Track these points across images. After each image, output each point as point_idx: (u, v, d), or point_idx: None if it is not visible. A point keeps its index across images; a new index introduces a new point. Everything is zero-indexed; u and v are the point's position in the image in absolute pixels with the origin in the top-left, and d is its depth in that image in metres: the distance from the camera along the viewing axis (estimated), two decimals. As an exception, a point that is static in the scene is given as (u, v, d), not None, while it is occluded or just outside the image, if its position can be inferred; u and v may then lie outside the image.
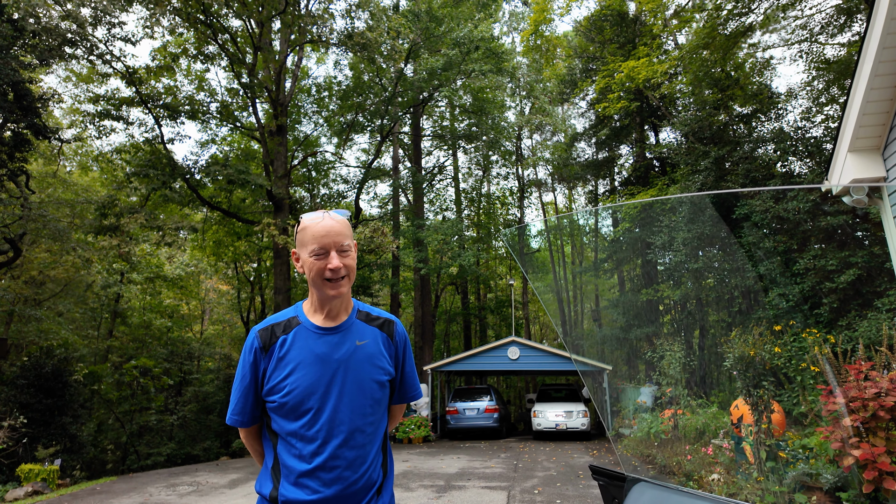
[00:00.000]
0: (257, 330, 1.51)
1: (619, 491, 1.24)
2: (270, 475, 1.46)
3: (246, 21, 15.48)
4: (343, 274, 1.46)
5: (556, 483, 7.70)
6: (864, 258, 8.83)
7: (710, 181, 12.34)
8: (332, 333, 1.50)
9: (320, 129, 22.48)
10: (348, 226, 1.52)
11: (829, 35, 14.17)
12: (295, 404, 1.42)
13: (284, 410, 1.43)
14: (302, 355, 1.45)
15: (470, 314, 29.15)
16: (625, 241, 17.25)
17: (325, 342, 1.48)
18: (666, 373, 10.36)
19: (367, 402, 1.48)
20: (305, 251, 1.47)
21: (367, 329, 1.57)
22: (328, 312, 1.52)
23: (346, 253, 1.47)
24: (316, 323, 1.51)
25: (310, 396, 1.42)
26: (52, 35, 12.33)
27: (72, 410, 13.59)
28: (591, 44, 18.89)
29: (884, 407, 4.28)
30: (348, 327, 1.53)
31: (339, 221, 1.48)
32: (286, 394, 1.42)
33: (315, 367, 1.45)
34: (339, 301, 1.52)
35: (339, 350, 1.48)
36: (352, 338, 1.52)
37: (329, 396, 1.43)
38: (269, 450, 1.50)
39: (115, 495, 7.79)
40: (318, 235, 1.45)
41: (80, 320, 20.62)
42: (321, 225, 1.46)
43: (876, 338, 7.14)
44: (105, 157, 18.74)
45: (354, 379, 1.47)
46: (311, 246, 1.45)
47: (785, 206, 10.06)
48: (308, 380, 1.43)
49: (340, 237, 1.46)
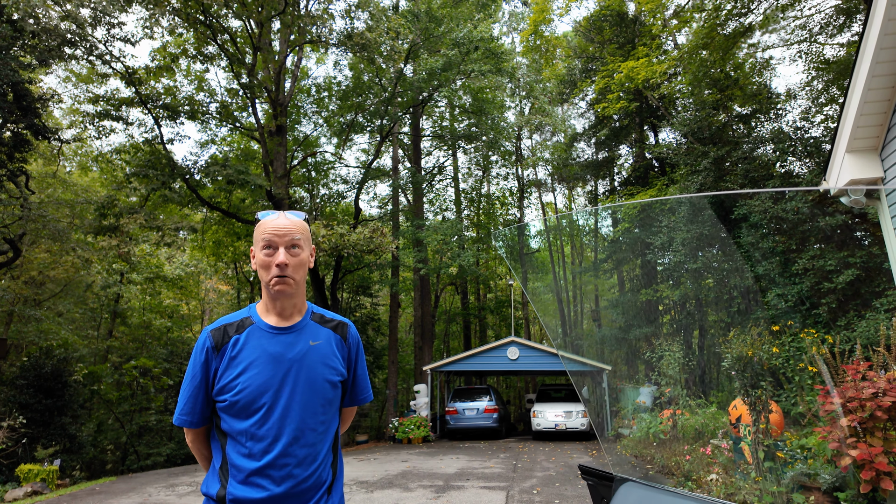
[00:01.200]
0: (209, 329, 1.51)
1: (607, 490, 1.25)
2: (218, 475, 1.46)
3: (245, 21, 15.49)
4: (289, 272, 1.47)
5: (554, 483, 7.70)
6: (863, 258, 8.84)
7: (710, 181, 12.34)
8: (286, 333, 1.51)
9: (320, 129, 22.49)
10: (303, 226, 1.53)
11: (828, 35, 14.17)
12: (246, 403, 1.42)
13: (235, 409, 1.42)
14: (255, 354, 1.46)
15: (469, 314, 29.15)
16: (624, 242, 17.26)
17: (279, 342, 1.49)
18: (665, 373, 10.37)
19: (318, 402, 1.49)
20: (257, 247, 1.50)
21: (320, 330, 1.58)
22: (281, 312, 1.53)
23: (295, 250, 1.49)
24: (269, 323, 1.52)
25: (262, 395, 1.42)
26: (51, 35, 12.34)
27: (71, 411, 13.60)
28: (591, 44, 18.90)
29: (881, 407, 4.28)
30: (302, 328, 1.54)
31: (292, 221, 1.50)
32: (237, 392, 1.42)
33: (268, 365, 1.45)
34: (291, 301, 1.53)
35: (293, 349, 1.49)
36: (305, 338, 1.53)
37: (281, 395, 1.44)
38: (217, 451, 1.49)
39: (114, 495, 7.80)
40: (268, 231, 1.47)
41: (80, 320, 20.64)
42: (274, 222, 1.49)
43: (874, 338, 7.14)
44: (105, 157, 18.76)
45: (307, 378, 1.48)
46: (261, 241, 1.48)
47: (784, 207, 10.07)
48: (260, 378, 1.43)
49: (290, 234, 1.48)
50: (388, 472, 8.96)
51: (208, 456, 1.56)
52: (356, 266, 21.65)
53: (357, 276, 24.28)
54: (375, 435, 21.17)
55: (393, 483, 7.89)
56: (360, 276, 24.39)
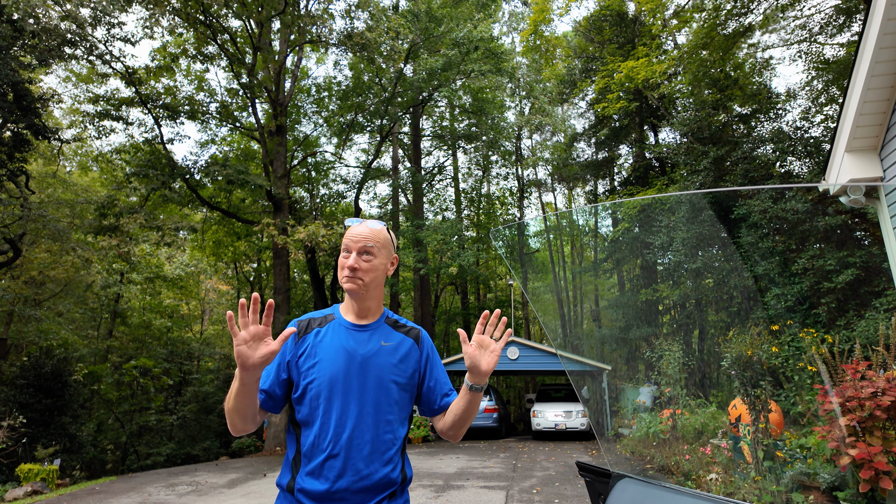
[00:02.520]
0: (296, 320, 1.62)
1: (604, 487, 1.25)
2: (291, 466, 1.51)
3: (245, 21, 15.49)
4: (359, 274, 1.56)
5: (554, 483, 7.71)
6: (862, 258, 8.84)
7: (710, 181, 12.35)
8: (361, 331, 1.59)
9: (320, 129, 22.49)
10: (380, 234, 1.62)
11: (828, 35, 14.18)
12: (316, 393, 1.48)
13: (306, 399, 1.49)
14: (330, 347, 1.54)
15: (470, 314, 29.16)
16: (624, 241, 17.26)
17: (353, 337, 1.57)
18: (665, 373, 10.36)
19: (383, 400, 1.53)
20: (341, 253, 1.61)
21: (394, 333, 1.65)
22: (358, 312, 1.62)
23: (368, 256, 1.57)
24: (348, 320, 1.61)
25: (331, 385, 1.49)
26: (51, 35, 12.35)
27: (71, 410, 13.61)
28: (591, 44, 18.90)
29: (880, 406, 4.28)
30: (377, 327, 1.63)
31: (370, 228, 1.61)
32: (310, 381, 1.50)
33: (340, 358, 1.52)
34: (365, 303, 1.61)
35: (365, 346, 1.56)
36: (378, 337, 1.60)
37: (349, 388, 1.49)
38: (291, 442, 1.55)
39: (114, 495, 7.80)
40: (348, 238, 1.58)
41: (80, 320, 20.64)
42: (353, 229, 1.60)
43: (874, 338, 7.14)
44: (105, 157, 18.77)
45: (375, 376, 1.53)
46: (343, 246, 1.60)
47: (783, 206, 10.07)
48: (332, 369, 1.50)
49: (365, 241, 1.57)
50: (388, 472, 8.95)
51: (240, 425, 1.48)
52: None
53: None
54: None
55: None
56: (360, 276, 24.35)
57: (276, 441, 14.60)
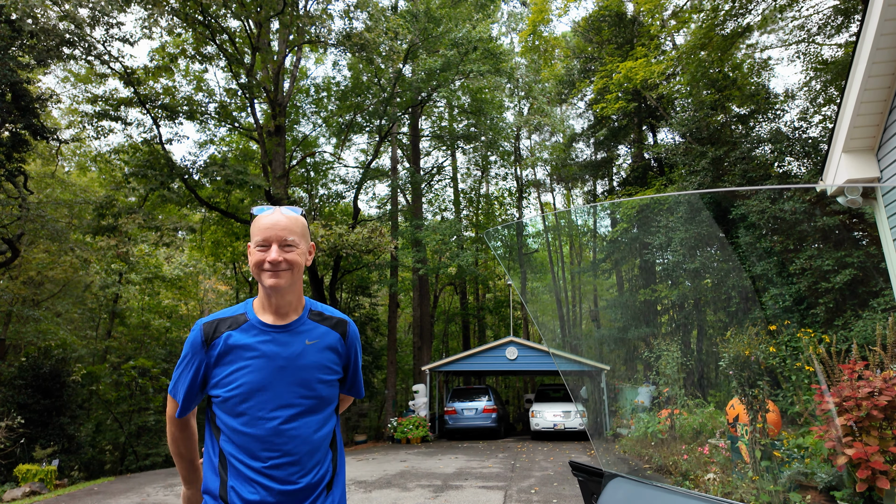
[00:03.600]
0: (202, 323, 1.47)
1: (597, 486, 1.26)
2: (217, 470, 1.43)
3: (244, 21, 15.49)
4: (283, 268, 1.43)
5: (553, 483, 7.71)
6: (860, 258, 8.86)
7: (708, 181, 12.36)
8: (281, 332, 1.47)
9: (319, 129, 22.49)
10: (299, 223, 1.50)
11: (826, 36, 14.20)
12: (239, 401, 1.39)
13: (228, 406, 1.40)
14: (248, 352, 1.43)
15: (468, 314, 29.16)
16: (623, 242, 17.28)
17: (274, 340, 1.45)
18: (663, 373, 10.37)
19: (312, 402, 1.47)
20: (252, 243, 1.47)
21: (318, 328, 1.54)
22: (277, 310, 1.49)
23: (289, 248, 1.45)
24: (265, 321, 1.48)
25: (254, 394, 1.40)
26: (49, 35, 12.34)
27: (70, 411, 13.60)
28: (590, 44, 18.92)
29: (877, 406, 4.29)
30: (298, 326, 1.51)
31: (288, 217, 1.48)
32: (231, 389, 1.40)
33: (262, 364, 1.42)
34: (286, 298, 1.49)
35: (288, 349, 1.46)
36: (301, 337, 1.49)
37: (274, 395, 1.41)
38: (212, 444, 1.46)
39: (112, 495, 7.80)
40: (263, 228, 1.44)
41: (79, 321, 20.63)
42: (268, 218, 1.46)
43: (871, 337, 7.16)
44: (103, 157, 18.75)
45: (301, 379, 1.45)
46: (256, 237, 1.45)
47: (781, 207, 10.09)
48: (254, 377, 1.41)
49: (285, 232, 1.45)
50: (387, 472, 8.97)
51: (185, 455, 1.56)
52: (355, 266, 21.66)
53: (356, 277, 24.28)
54: (374, 435, 21.18)
55: (391, 483, 7.89)
56: (358, 277, 24.40)
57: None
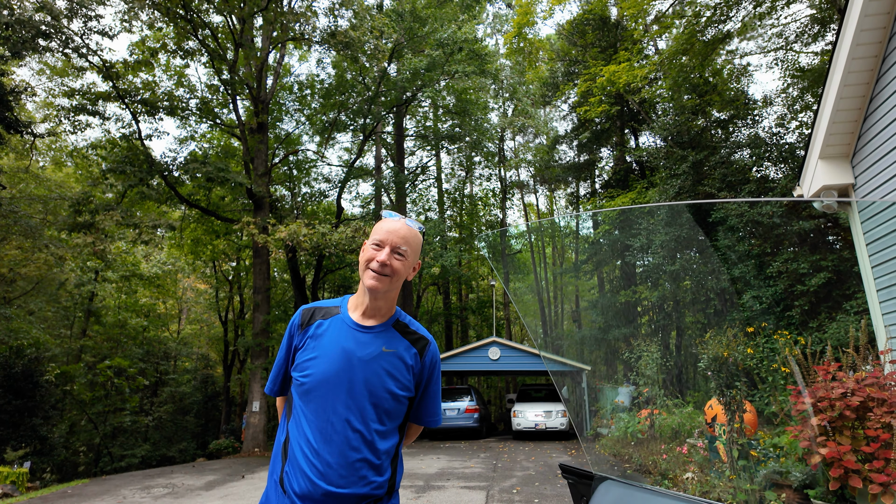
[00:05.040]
0: (303, 308, 1.58)
1: (586, 489, 1.27)
2: (281, 453, 1.48)
3: (227, 17, 15.29)
4: (387, 272, 1.48)
5: (534, 482, 7.76)
6: (834, 262, 9.09)
7: (688, 185, 12.57)
8: (364, 332, 1.51)
9: (302, 127, 22.30)
10: (417, 237, 1.56)
11: (803, 44, 14.54)
12: (310, 388, 1.44)
13: (301, 390, 1.46)
14: (329, 344, 1.48)
15: (451, 314, 29.19)
16: (604, 244, 17.47)
17: (354, 338, 1.49)
18: (643, 373, 10.51)
19: (374, 410, 1.45)
20: (370, 241, 1.53)
21: (399, 339, 1.55)
22: (366, 310, 1.53)
23: (400, 256, 1.50)
24: (353, 318, 1.53)
25: (322, 385, 1.44)
26: (25, 27, 12.03)
27: (42, 411, 13.28)
28: (574, 47, 19.09)
29: (850, 407, 4.41)
30: (381, 331, 1.53)
31: (409, 228, 1.54)
32: (306, 375, 1.46)
33: (336, 358, 1.46)
34: (379, 302, 1.53)
35: (364, 350, 1.48)
36: (380, 342, 1.51)
37: (339, 391, 1.43)
38: (283, 425, 1.51)
39: (87, 498, 7.63)
40: (384, 230, 1.51)
41: (52, 319, 20.15)
42: (392, 223, 1.53)
43: (844, 339, 7.34)
44: (80, 152, 18.33)
45: (369, 382, 1.45)
46: (375, 237, 1.51)
47: (759, 211, 10.30)
48: (326, 368, 1.45)
49: (402, 240, 1.50)
50: (369, 473, 8.92)
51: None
52: (338, 265, 21.51)
53: (338, 276, 24.12)
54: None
55: (373, 483, 7.85)
56: (341, 276, 24.24)
57: (254, 442, 14.43)
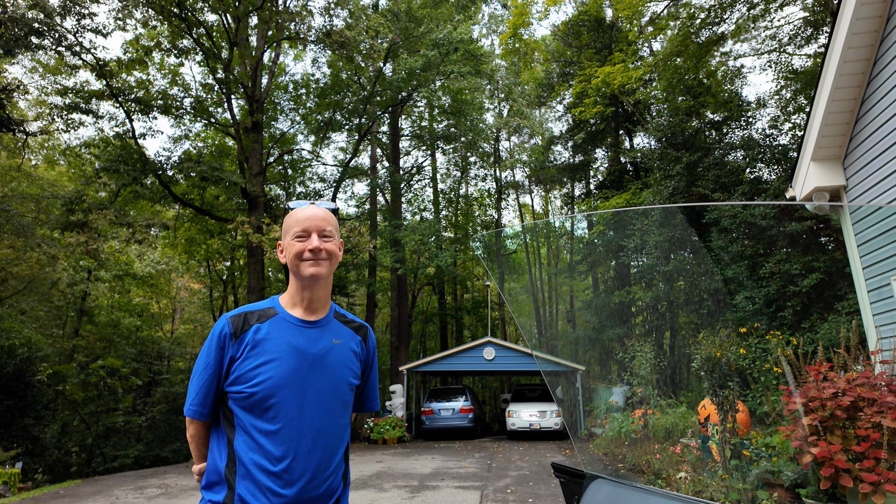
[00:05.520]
0: (229, 316, 1.43)
1: (578, 487, 1.28)
2: (224, 475, 1.36)
3: (222, 16, 15.23)
4: (324, 256, 1.44)
5: (528, 482, 7.78)
6: (826, 263, 9.16)
7: (682, 186, 12.63)
8: (311, 327, 1.45)
9: (297, 126, 22.25)
10: (333, 217, 1.51)
11: (796, 46, 14.64)
12: (264, 396, 1.34)
13: (250, 402, 1.35)
14: (277, 346, 1.39)
15: (446, 315, 29.19)
16: (599, 244, 17.53)
17: (303, 335, 1.43)
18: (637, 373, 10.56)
19: (337, 404, 1.44)
20: (288, 236, 1.46)
21: (343, 329, 1.53)
22: (308, 305, 1.47)
23: (327, 238, 1.46)
24: (295, 315, 1.46)
25: (281, 389, 1.35)
26: (17, 24, 11.93)
27: (34, 412, 13.19)
28: (569, 48, 19.14)
29: (840, 406, 4.45)
30: (327, 324, 1.49)
31: (323, 210, 1.49)
32: (255, 384, 1.35)
33: (290, 359, 1.38)
34: (319, 292, 1.48)
35: (317, 345, 1.43)
36: (329, 335, 1.48)
37: (301, 392, 1.37)
38: (221, 446, 1.40)
39: (79, 499, 7.59)
40: (302, 219, 1.45)
41: (45, 318, 20.01)
42: (306, 210, 1.47)
43: (836, 340, 7.41)
44: (73, 151, 18.22)
45: (329, 377, 1.42)
46: (294, 229, 1.45)
47: (752, 212, 10.36)
48: (282, 371, 1.37)
49: (323, 223, 1.46)
50: (363, 473, 8.93)
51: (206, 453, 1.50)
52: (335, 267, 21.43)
53: (334, 276, 24.04)
54: (350, 435, 21.04)
55: (367, 483, 7.86)
56: (336, 276, 24.19)
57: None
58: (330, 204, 1.54)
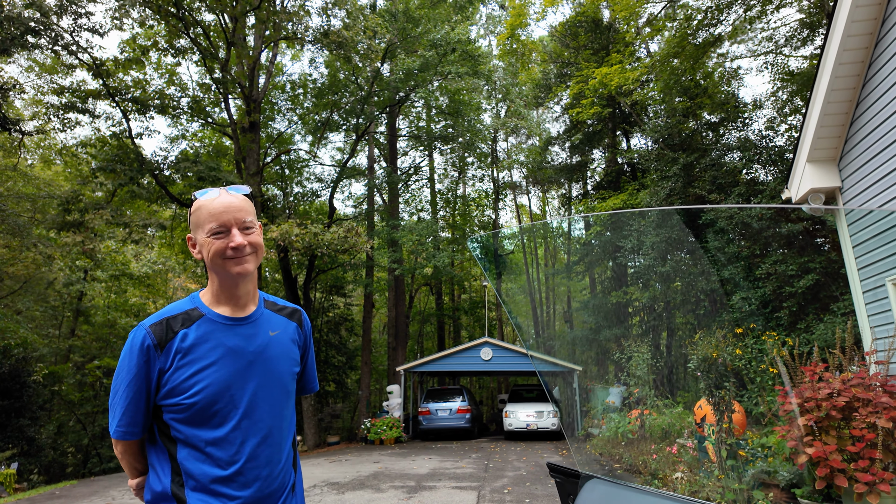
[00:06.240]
0: (147, 325, 1.29)
1: (573, 487, 1.29)
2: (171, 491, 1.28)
3: (219, 15, 15.21)
4: (248, 251, 1.32)
5: (525, 483, 7.79)
6: (822, 264, 9.20)
7: (679, 187, 12.67)
8: (243, 324, 1.36)
9: (294, 126, 22.23)
10: (250, 203, 1.38)
11: (793, 47, 14.69)
12: (206, 405, 1.26)
13: (191, 413, 1.26)
14: (210, 350, 1.30)
15: (444, 315, 29.19)
16: (596, 245, 17.56)
17: (237, 334, 1.34)
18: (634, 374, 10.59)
19: (283, 397, 1.39)
20: (202, 232, 1.32)
21: (276, 319, 1.45)
22: (236, 301, 1.37)
23: (249, 230, 1.33)
24: (223, 314, 1.35)
25: (223, 393, 1.28)
26: (14, 23, 11.90)
27: (30, 412, 13.15)
28: (566, 49, 19.17)
29: (836, 407, 4.47)
30: (259, 317, 1.40)
31: (238, 197, 1.35)
32: (195, 393, 1.26)
33: (227, 361, 1.30)
34: (248, 287, 1.38)
35: (253, 342, 1.35)
36: (263, 329, 1.39)
37: (245, 392, 1.31)
38: (163, 461, 1.31)
39: (75, 499, 7.57)
40: (216, 212, 1.30)
41: (41, 319, 19.95)
42: (218, 201, 1.32)
43: (831, 340, 7.44)
44: (69, 150, 18.16)
45: (271, 372, 1.36)
46: (209, 224, 1.30)
47: (748, 213, 10.40)
48: (220, 376, 1.28)
49: (242, 213, 1.32)
50: (360, 473, 8.92)
51: (142, 469, 1.41)
52: (330, 266, 21.46)
53: (331, 276, 24.07)
54: (347, 436, 21.03)
55: (364, 484, 7.86)
56: (333, 276, 24.19)
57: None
58: (244, 188, 1.40)
